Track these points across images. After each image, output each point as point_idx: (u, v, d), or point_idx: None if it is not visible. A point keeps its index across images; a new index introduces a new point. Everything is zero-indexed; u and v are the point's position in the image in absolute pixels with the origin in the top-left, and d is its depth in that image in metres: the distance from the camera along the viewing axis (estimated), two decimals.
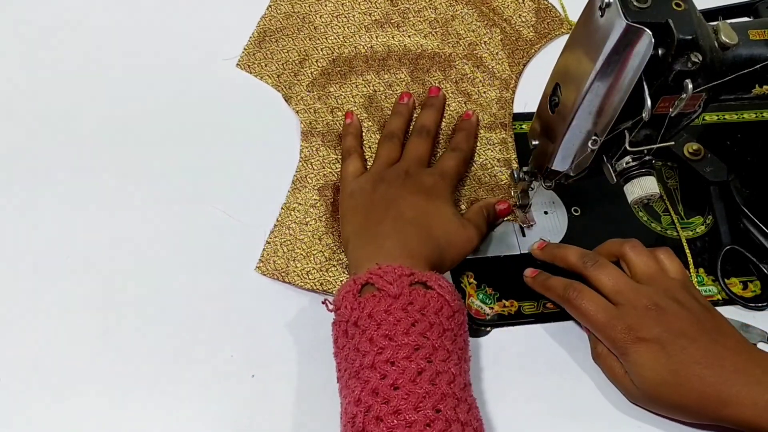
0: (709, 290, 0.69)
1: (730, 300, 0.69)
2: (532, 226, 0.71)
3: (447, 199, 0.66)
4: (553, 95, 0.60)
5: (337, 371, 0.57)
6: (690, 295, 0.62)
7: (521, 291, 0.68)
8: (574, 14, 0.57)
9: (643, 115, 0.53)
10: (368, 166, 0.71)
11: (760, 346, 0.65)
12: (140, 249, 0.67)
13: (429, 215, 0.64)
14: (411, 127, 0.74)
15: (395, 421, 0.50)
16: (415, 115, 0.75)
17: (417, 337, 0.53)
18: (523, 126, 0.77)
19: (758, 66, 0.56)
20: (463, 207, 0.71)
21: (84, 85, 0.76)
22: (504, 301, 0.67)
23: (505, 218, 0.70)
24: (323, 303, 0.59)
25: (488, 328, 0.66)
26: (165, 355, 0.62)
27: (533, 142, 0.64)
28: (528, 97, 0.79)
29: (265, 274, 0.66)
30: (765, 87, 0.59)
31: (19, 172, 0.70)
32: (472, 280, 0.68)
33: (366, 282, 0.56)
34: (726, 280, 0.69)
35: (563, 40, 0.71)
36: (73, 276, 0.65)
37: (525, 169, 0.67)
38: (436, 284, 0.57)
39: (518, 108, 0.78)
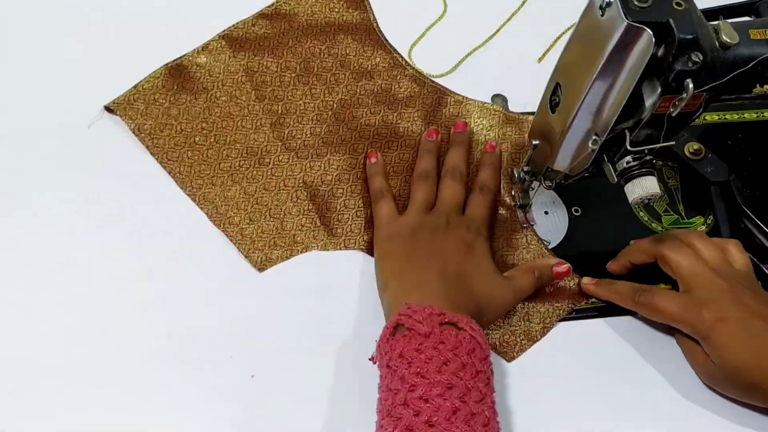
0: None
1: None
2: (533, 225, 0.71)
3: (486, 253, 0.65)
4: (553, 95, 0.60)
5: (377, 418, 0.55)
6: (758, 284, 0.63)
7: None
8: (574, 14, 0.57)
9: (643, 116, 0.53)
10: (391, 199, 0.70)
11: None
12: (140, 249, 0.67)
13: (470, 272, 0.63)
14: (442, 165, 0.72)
15: None
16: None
17: (450, 376, 0.52)
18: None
19: (757, 63, 0.55)
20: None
21: (82, 84, 0.76)
22: None
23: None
24: (370, 359, 0.58)
25: None
26: (165, 355, 0.62)
27: (533, 142, 0.64)
28: (528, 96, 0.78)
29: (270, 266, 0.67)
30: (766, 87, 0.59)
31: (20, 172, 0.70)
32: None
33: (397, 324, 0.56)
34: None
35: (564, 40, 0.71)
36: (73, 276, 0.65)
37: (525, 168, 0.67)
38: (468, 326, 0.56)
39: (518, 108, 0.78)
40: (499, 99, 0.78)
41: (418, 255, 0.63)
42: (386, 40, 0.79)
